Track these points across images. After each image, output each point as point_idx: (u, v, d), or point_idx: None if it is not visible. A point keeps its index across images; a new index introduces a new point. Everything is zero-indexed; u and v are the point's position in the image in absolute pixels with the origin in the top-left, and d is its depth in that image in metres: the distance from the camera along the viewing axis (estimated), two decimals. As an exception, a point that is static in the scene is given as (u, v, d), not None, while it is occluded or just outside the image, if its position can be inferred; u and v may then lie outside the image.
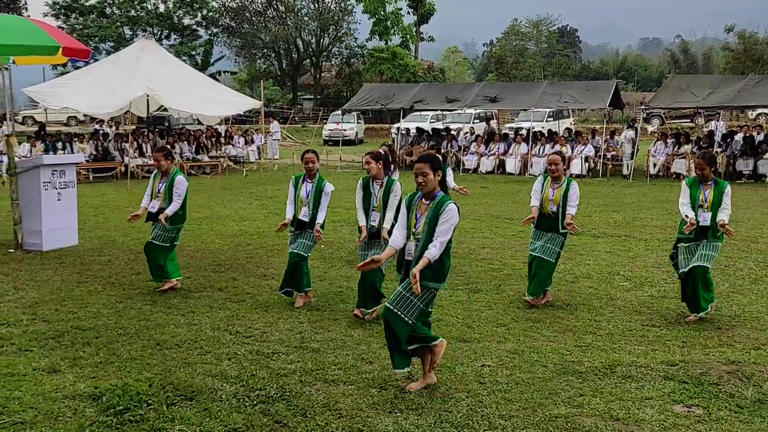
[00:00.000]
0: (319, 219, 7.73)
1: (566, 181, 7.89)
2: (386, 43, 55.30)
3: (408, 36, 57.05)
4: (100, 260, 10.15)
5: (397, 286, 5.45)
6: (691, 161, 21.01)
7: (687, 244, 7.43)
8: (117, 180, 20.98)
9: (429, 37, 60.70)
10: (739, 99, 21.35)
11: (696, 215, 7.28)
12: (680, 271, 7.51)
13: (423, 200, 5.27)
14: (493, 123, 32.97)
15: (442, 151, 24.44)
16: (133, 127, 24.54)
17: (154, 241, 8.32)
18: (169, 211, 8.21)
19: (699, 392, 5.37)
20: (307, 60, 58.79)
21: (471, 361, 6.07)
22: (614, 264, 10.04)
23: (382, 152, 7.64)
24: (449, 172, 8.35)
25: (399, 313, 5.23)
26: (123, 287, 8.65)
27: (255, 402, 5.18)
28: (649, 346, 6.57)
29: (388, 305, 5.29)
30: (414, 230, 5.25)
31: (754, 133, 22.63)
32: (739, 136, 22.63)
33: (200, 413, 4.98)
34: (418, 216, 5.25)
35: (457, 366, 5.90)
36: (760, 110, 32.88)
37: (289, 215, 7.86)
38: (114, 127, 26.59)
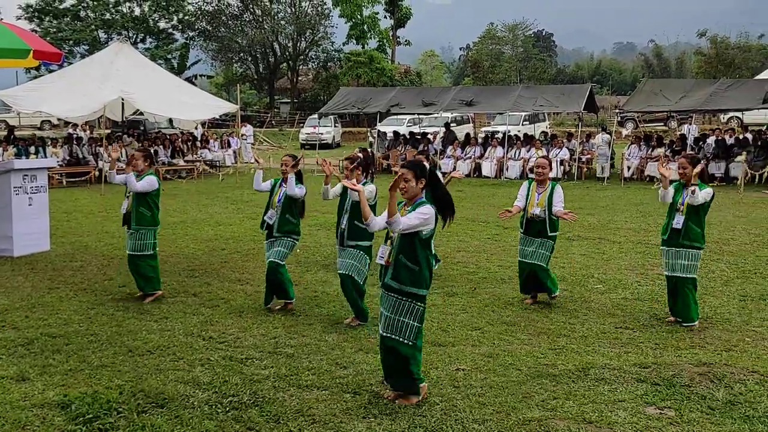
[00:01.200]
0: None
1: (550, 185, 7.91)
2: (363, 47, 55.31)
3: (385, 40, 57.12)
4: (72, 266, 10.02)
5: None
6: (664, 164, 21.24)
7: (667, 248, 7.43)
8: (91, 185, 20.74)
9: (406, 41, 60.83)
10: (711, 103, 21.62)
11: (670, 221, 7.34)
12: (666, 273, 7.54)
13: (405, 207, 5.16)
14: (468, 127, 33.10)
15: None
16: (108, 131, 24.26)
17: (134, 253, 8.16)
18: (130, 182, 7.92)
19: (671, 394, 5.41)
20: (284, 64, 58.65)
21: (445, 365, 6.07)
22: (588, 267, 10.10)
23: (360, 156, 7.59)
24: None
25: (397, 337, 5.13)
26: (95, 293, 8.54)
27: (227, 408, 5.13)
28: (623, 348, 6.61)
29: (383, 333, 5.19)
30: (393, 234, 5.18)
31: (726, 137, 22.92)
32: (711, 140, 22.93)
33: (171, 420, 4.92)
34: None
35: (432, 370, 5.89)
36: (731, 114, 33.32)
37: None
38: (88, 131, 26.28)
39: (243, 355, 6.31)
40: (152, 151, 21.10)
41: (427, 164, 5.31)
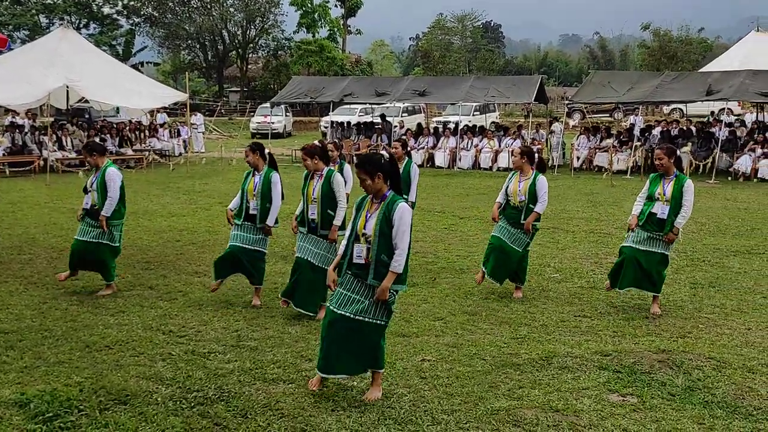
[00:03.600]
0: (270, 220, 7.61)
1: (533, 175, 7.94)
2: (314, 36, 54.82)
3: (335, 29, 56.76)
4: (20, 259, 9.70)
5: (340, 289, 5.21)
6: (613, 154, 21.71)
7: (642, 231, 7.50)
8: (36, 174, 20.09)
9: (356, 30, 60.56)
10: (657, 95, 22.13)
11: (647, 208, 7.44)
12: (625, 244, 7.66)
13: (373, 200, 5.11)
14: (420, 117, 33.18)
15: (374, 144, 24.47)
16: (52, 119, 23.49)
17: (92, 240, 7.93)
18: (105, 211, 7.86)
19: (632, 381, 5.53)
20: (233, 52, 57.74)
21: (410, 355, 6.08)
22: (544, 256, 10.24)
23: (317, 145, 7.48)
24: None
25: (372, 320, 5.08)
26: (46, 287, 8.28)
27: (193, 404, 5.04)
28: (582, 336, 6.73)
29: (352, 316, 5.06)
30: (364, 231, 5.06)
31: (671, 128, 23.54)
32: (656, 131, 23.53)
33: (135, 417, 4.81)
34: (369, 216, 5.07)
35: (398, 361, 5.90)
36: (674, 105, 34.18)
37: (232, 205, 7.76)
38: (31, 119, 25.43)
39: (205, 348, 6.21)
40: (98, 140, 20.60)
41: (385, 153, 5.24)
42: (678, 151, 7.59)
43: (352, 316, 5.07)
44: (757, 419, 4.88)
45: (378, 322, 5.12)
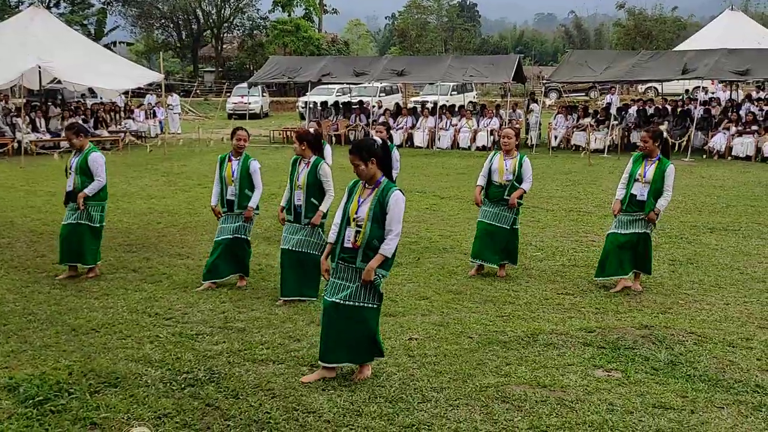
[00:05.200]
0: (252, 203, 7.56)
1: (518, 155, 8.00)
2: (289, 15, 54.22)
3: (311, 8, 56.17)
4: (-1, 243, 9.60)
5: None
6: (590, 133, 21.87)
7: (624, 215, 7.59)
8: (9, 157, 19.77)
9: (333, 9, 60.03)
10: (634, 74, 22.26)
11: (628, 189, 7.52)
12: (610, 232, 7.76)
13: (366, 186, 5.08)
14: (398, 97, 33.11)
15: (353, 124, 24.40)
16: (24, 100, 23.07)
17: (74, 222, 7.87)
18: (89, 190, 7.76)
19: (616, 356, 5.64)
20: (208, 31, 56.95)
21: (398, 335, 6.13)
22: (525, 234, 10.29)
23: (309, 132, 7.44)
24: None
25: (362, 303, 5.07)
26: (27, 271, 8.21)
27: (183, 386, 5.05)
28: (566, 313, 6.83)
29: (346, 303, 5.07)
30: (355, 216, 5.03)
31: (647, 107, 23.74)
32: (632, 110, 23.71)
33: (126, 400, 4.82)
34: (361, 201, 5.04)
35: (386, 340, 5.93)
36: (649, 84, 34.44)
37: (214, 198, 7.68)
38: (2, 101, 24.97)
39: (193, 330, 6.21)
40: (80, 121, 20.31)
41: (378, 139, 5.20)
42: (665, 134, 7.64)
43: (342, 302, 5.07)
44: (738, 392, 5.01)
45: (368, 305, 5.10)
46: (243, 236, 7.66)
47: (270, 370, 5.35)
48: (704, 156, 20.25)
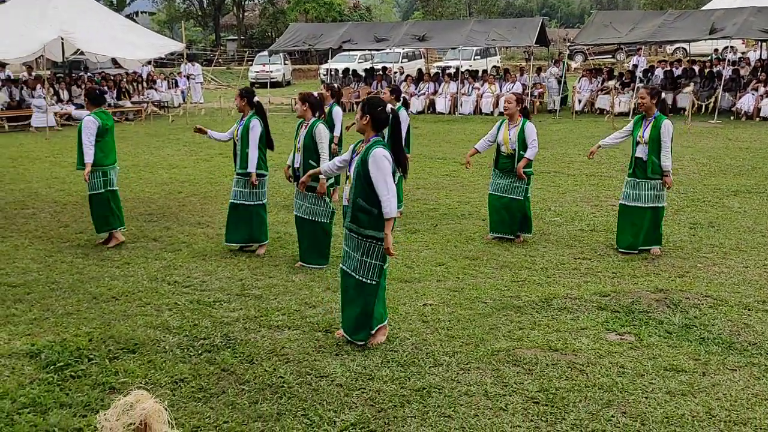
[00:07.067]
0: (250, 167, 7.52)
1: (521, 122, 7.91)
2: (310, -19, 53.73)
3: (332, -27, 55.56)
4: (24, 213, 9.77)
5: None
6: (615, 96, 21.53)
7: (630, 179, 7.63)
8: (35, 129, 20.02)
9: (354, -27, 59.32)
10: (660, 34, 21.80)
11: (633, 152, 7.53)
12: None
13: (362, 145, 5.12)
14: (420, 63, 32.75)
15: (374, 91, 24.27)
16: (48, 72, 23.29)
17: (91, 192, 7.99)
18: (86, 157, 7.78)
19: (630, 320, 5.63)
20: (229, -1, 56.76)
21: (413, 300, 6.18)
22: (545, 200, 10.28)
23: (311, 93, 7.44)
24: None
25: (361, 278, 5.10)
26: (51, 240, 8.37)
27: (200, 351, 5.16)
28: (582, 278, 6.82)
29: (346, 269, 5.19)
30: (348, 174, 5.11)
31: (673, 68, 23.28)
32: (659, 71, 23.24)
33: (144, 365, 4.94)
34: (354, 157, 5.11)
35: (400, 306, 6.00)
36: (677, 45, 33.72)
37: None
38: (27, 73, 25.22)
39: (210, 298, 6.31)
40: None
41: (389, 106, 5.19)
42: (663, 93, 7.59)
43: (349, 271, 5.16)
44: (751, 354, 4.99)
45: (368, 281, 5.10)
46: (248, 202, 7.65)
47: (285, 335, 5.44)
48: (731, 117, 19.86)
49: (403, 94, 9.89)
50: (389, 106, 5.11)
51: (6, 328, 5.66)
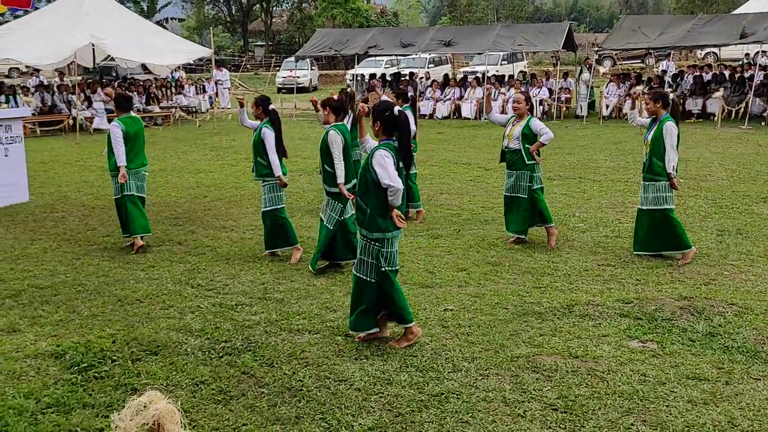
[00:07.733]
0: (275, 171, 7.57)
1: (527, 119, 7.93)
2: (338, -13, 54.02)
3: (360, -21, 55.81)
4: (53, 216, 9.94)
5: None
6: (638, 101, 21.29)
7: (642, 183, 7.67)
8: (65, 133, 20.39)
9: (381, -21, 59.59)
10: (689, 39, 21.56)
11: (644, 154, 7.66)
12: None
13: None
14: (447, 68, 32.72)
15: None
16: (79, 78, 23.68)
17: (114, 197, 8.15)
18: (118, 161, 7.91)
19: (653, 328, 5.57)
20: (257, 5, 57.28)
21: (433, 306, 6.17)
22: (570, 206, 10.21)
23: (332, 98, 7.49)
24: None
25: (360, 275, 5.28)
26: (79, 243, 8.51)
27: (221, 354, 5.21)
28: (605, 284, 6.76)
29: (353, 272, 5.40)
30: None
31: (703, 73, 22.99)
32: (688, 76, 22.99)
33: (166, 367, 4.99)
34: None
35: (420, 311, 6.00)
36: (708, 50, 33.30)
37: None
38: (59, 78, 25.68)
39: (233, 301, 6.37)
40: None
41: (397, 108, 5.26)
42: (668, 95, 7.63)
43: (353, 272, 5.38)
44: (777, 364, 4.90)
45: (366, 278, 5.24)
46: (265, 208, 7.76)
47: (305, 339, 5.46)
48: (762, 123, 19.55)
49: (410, 95, 10.00)
50: (396, 108, 5.19)
51: (33, 329, 5.76)
